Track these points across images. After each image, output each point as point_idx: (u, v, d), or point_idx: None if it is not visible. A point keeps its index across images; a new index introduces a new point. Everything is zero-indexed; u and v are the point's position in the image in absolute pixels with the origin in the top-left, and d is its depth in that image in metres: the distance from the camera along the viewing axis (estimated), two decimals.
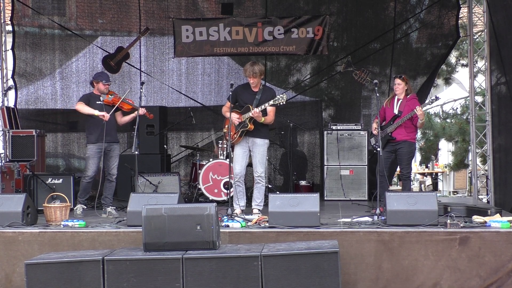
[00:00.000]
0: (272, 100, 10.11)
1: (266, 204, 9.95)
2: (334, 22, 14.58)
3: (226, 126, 10.51)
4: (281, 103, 10.12)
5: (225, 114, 10.51)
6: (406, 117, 10.54)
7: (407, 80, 10.82)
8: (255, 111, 10.10)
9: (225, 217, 9.28)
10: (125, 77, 14.88)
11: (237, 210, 10.20)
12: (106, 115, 10.57)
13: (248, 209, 10.47)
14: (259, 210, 10.30)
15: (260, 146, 10.37)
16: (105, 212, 10.64)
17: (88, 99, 10.79)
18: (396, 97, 10.81)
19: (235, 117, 10.25)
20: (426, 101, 10.76)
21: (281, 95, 10.14)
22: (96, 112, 10.60)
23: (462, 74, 18.68)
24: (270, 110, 10.23)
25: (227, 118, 10.39)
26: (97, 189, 11.31)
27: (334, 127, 13.40)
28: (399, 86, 10.74)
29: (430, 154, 19.09)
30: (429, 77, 14.20)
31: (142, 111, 10.72)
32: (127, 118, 11.08)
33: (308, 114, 14.81)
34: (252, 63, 10.35)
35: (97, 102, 10.75)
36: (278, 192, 11.93)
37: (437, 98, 10.73)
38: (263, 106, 10.14)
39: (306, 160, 14.69)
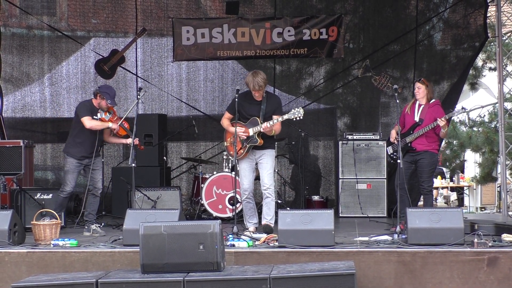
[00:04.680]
0: (287, 114, 10.15)
1: (275, 221, 10.00)
2: (350, 22, 14.61)
3: (228, 139, 10.57)
4: (298, 118, 10.18)
5: (228, 128, 10.54)
6: (427, 128, 10.56)
7: (427, 83, 10.84)
8: (266, 127, 10.14)
9: (230, 236, 9.28)
10: (120, 83, 14.88)
11: (251, 228, 10.31)
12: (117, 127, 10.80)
13: (259, 226, 10.55)
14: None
15: (269, 157, 10.41)
16: (89, 230, 10.67)
17: (91, 111, 10.79)
18: (418, 103, 10.83)
19: (240, 131, 10.29)
20: (450, 113, 10.74)
21: (297, 109, 10.14)
22: (110, 124, 10.71)
23: (489, 79, 18.66)
24: (277, 122, 10.27)
25: (228, 131, 10.52)
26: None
27: (350, 137, 13.40)
28: (419, 90, 10.78)
29: (456, 168, 19.07)
30: (457, 81, 14.15)
31: (135, 141, 10.79)
32: (116, 140, 11.21)
33: (322, 123, 14.81)
34: (254, 74, 10.26)
35: (94, 117, 10.78)
36: (288, 208, 11.93)
37: (464, 109, 10.78)
38: (275, 121, 10.18)
39: (319, 173, 14.69)
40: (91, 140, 10.73)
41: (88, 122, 10.64)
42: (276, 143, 12.63)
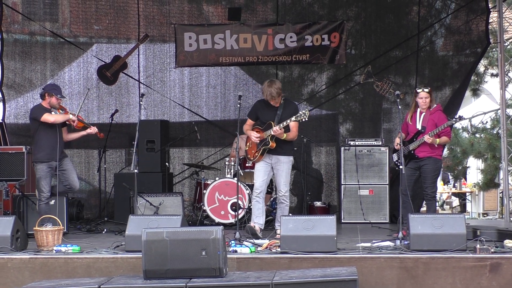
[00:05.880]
0: (294, 117, 10.35)
1: None
2: (351, 28, 14.63)
3: (247, 144, 10.91)
4: (303, 120, 10.34)
5: (246, 132, 10.84)
6: (430, 134, 10.55)
7: (431, 92, 10.84)
8: (276, 129, 10.35)
9: (232, 242, 9.30)
10: (122, 89, 14.92)
11: (256, 227, 10.49)
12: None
13: (262, 232, 10.62)
14: None
15: (285, 164, 10.62)
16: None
17: (46, 111, 10.83)
18: (419, 110, 10.81)
19: (254, 136, 10.58)
20: (448, 122, 10.74)
21: (303, 111, 10.35)
22: (70, 116, 10.72)
23: (491, 85, 18.67)
24: (293, 125, 10.52)
25: (247, 136, 10.81)
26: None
27: (352, 143, 13.41)
28: (426, 100, 10.68)
29: (459, 175, 19.09)
30: (459, 87, 14.12)
31: (93, 130, 10.96)
32: (75, 135, 11.17)
33: (324, 129, 14.82)
34: (269, 84, 10.59)
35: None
36: (290, 214, 11.94)
37: (461, 118, 10.79)
38: (284, 123, 10.40)
39: (321, 179, 14.70)
40: (52, 142, 10.68)
41: (50, 117, 10.66)
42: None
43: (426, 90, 10.73)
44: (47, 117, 10.64)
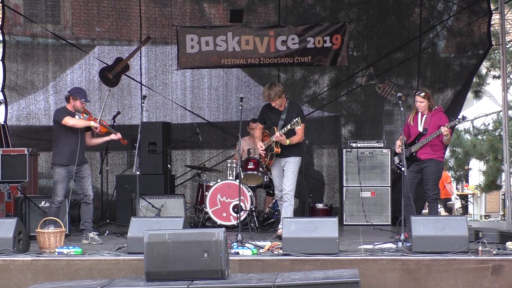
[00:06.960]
0: (289, 125, 10.45)
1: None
2: (353, 30, 14.62)
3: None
4: (296, 127, 10.47)
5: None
6: (431, 136, 10.56)
7: (428, 95, 10.83)
8: (277, 135, 10.52)
9: (234, 244, 9.31)
10: (124, 91, 14.92)
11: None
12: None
13: (264, 234, 10.64)
14: None
15: (291, 163, 10.78)
16: (87, 238, 10.58)
17: (69, 114, 10.77)
18: (420, 112, 10.83)
19: (260, 149, 10.96)
20: (452, 122, 10.74)
21: (295, 120, 10.38)
22: (92, 123, 10.65)
23: (493, 87, 18.68)
24: (298, 128, 10.52)
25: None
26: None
27: (354, 145, 13.42)
28: (421, 104, 10.74)
29: (461, 176, 19.09)
30: (460, 89, 14.10)
31: (117, 136, 10.94)
32: (99, 140, 11.18)
33: (326, 131, 14.81)
34: (269, 87, 10.72)
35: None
36: (292, 216, 11.94)
37: (464, 118, 10.78)
38: (282, 131, 10.51)
39: (323, 181, 14.69)
40: (74, 147, 10.63)
41: (70, 120, 10.59)
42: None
43: (422, 94, 10.75)
44: (67, 120, 10.59)
